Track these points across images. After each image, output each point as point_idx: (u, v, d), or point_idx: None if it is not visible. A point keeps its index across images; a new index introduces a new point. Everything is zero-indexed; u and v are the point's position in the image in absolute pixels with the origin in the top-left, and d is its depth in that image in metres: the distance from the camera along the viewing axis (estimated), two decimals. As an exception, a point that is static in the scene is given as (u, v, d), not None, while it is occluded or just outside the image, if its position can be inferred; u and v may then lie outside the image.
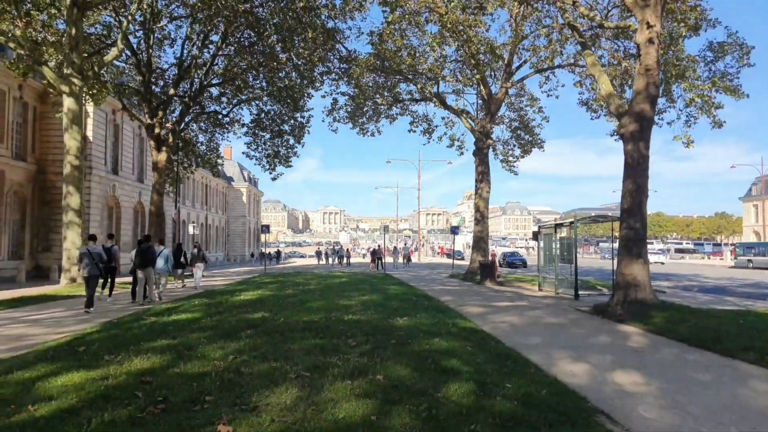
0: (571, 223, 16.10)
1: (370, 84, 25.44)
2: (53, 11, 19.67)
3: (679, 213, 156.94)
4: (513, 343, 7.78)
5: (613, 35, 21.01)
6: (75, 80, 18.60)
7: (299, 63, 23.42)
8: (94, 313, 11.27)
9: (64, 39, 19.09)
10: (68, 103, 18.76)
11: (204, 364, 6.02)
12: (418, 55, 22.11)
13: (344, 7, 22.02)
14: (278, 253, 63.95)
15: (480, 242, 24.33)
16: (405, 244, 62.96)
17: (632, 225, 11.81)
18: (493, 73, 24.70)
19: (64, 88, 18.58)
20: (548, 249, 17.94)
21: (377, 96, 26.10)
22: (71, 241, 18.48)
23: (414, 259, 55.42)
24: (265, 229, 33.13)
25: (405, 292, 16.07)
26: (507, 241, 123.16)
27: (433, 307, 12.26)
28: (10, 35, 17.80)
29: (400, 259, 42.74)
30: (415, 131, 28.75)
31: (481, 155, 24.26)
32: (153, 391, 4.93)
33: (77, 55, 18.57)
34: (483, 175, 24.24)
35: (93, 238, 13.28)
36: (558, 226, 17.37)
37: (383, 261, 35.87)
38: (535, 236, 20.13)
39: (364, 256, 72.53)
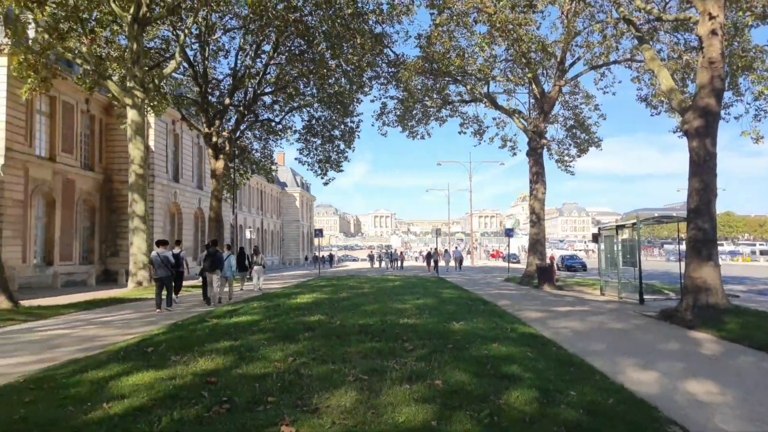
0: (634, 224, 15.41)
1: (419, 87, 25.31)
2: (115, 28, 20.83)
3: (751, 212, 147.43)
4: (576, 350, 7.50)
5: (672, 28, 20.05)
6: (137, 93, 19.59)
7: (348, 69, 23.71)
8: (160, 316, 11.77)
9: (126, 54, 20.17)
10: (131, 114, 19.77)
11: (265, 365, 6.14)
12: (467, 56, 21.84)
13: (391, 12, 22.18)
14: (331, 256, 64.86)
15: (536, 245, 23.67)
16: (456, 248, 61.88)
17: (700, 225, 11.17)
18: (545, 72, 24.06)
19: (128, 101, 19.59)
20: (609, 251, 17.25)
21: (426, 98, 25.94)
22: (137, 247, 19.45)
23: (467, 262, 54.58)
24: (318, 233, 33.79)
25: (460, 296, 15.87)
26: (565, 243, 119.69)
27: (490, 311, 12.02)
28: (76, 52, 19.00)
29: (452, 263, 42.05)
30: (465, 133, 28.38)
31: (535, 155, 23.63)
32: (218, 391, 5.06)
33: (139, 69, 19.56)
34: (537, 176, 23.60)
35: (163, 243, 13.58)
36: (620, 227, 16.67)
37: (438, 264, 35.66)
38: (595, 238, 19.38)
39: (416, 259, 72.54)
